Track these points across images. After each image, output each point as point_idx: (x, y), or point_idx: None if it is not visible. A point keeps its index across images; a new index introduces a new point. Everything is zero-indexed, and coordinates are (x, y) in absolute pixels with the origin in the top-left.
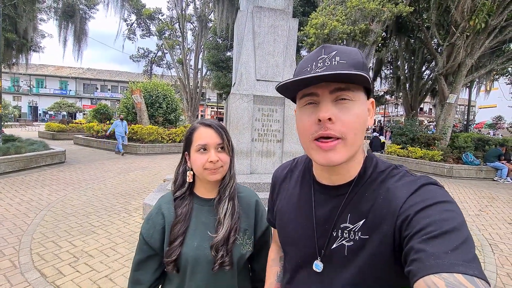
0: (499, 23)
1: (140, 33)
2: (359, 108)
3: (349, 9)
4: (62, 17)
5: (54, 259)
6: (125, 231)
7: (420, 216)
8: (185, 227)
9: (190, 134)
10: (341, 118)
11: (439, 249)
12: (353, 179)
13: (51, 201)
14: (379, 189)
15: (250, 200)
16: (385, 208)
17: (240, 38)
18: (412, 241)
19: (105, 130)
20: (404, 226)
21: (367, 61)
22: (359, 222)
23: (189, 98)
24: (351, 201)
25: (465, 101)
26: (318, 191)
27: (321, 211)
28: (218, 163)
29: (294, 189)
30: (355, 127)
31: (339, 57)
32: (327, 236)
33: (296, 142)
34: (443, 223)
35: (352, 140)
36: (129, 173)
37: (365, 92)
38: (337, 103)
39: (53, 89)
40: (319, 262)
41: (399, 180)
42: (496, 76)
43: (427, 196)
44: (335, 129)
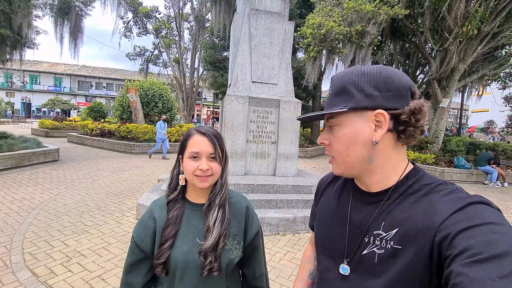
0: (492, 29)
1: (137, 31)
2: (344, 130)
3: (346, 10)
4: (58, 14)
5: (46, 259)
6: (118, 231)
7: (463, 236)
8: (175, 230)
9: (185, 139)
10: (331, 142)
11: (484, 274)
12: (389, 188)
13: (44, 199)
14: (420, 202)
15: (241, 205)
16: (424, 221)
17: (236, 40)
18: (454, 263)
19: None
20: (445, 245)
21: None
22: (392, 231)
23: (185, 98)
24: (387, 209)
25: (458, 105)
26: (356, 197)
27: (356, 216)
28: (208, 172)
29: (335, 193)
30: (338, 148)
31: (331, 88)
32: (358, 241)
33: (291, 144)
34: (491, 246)
35: (339, 158)
36: (123, 172)
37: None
38: (331, 128)
39: (47, 85)
40: (345, 266)
41: (446, 196)
42: (488, 81)
43: (474, 215)
44: (329, 151)
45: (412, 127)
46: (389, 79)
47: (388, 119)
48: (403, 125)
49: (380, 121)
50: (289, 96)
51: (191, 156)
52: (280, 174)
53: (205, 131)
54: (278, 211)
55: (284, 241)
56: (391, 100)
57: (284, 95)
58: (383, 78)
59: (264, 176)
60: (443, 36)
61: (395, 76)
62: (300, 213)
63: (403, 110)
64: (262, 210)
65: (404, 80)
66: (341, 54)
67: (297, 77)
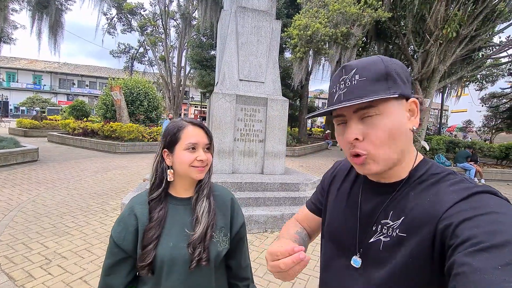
0: (469, 32)
1: (121, 28)
2: (389, 119)
3: (331, 12)
4: (36, 8)
5: (24, 262)
6: (102, 232)
7: (466, 225)
8: (159, 232)
9: (177, 131)
10: (369, 135)
11: (487, 263)
12: (403, 179)
13: (22, 201)
14: (428, 191)
15: (226, 198)
16: (429, 211)
17: (223, 38)
18: (456, 253)
19: (84, 129)
20: (448, 234)
21: (394, 65)
22: (399, 220)
23: (171, 96)
24: (396, 199)
25: (439, 105)
26: (367, 187)
27: (366, 206)
28: (206, 162)
29: (348, 183)
30: (385, 141)
31: (358, 75)
32: (368, 231)
33: (278, 142)
34: (494, 235)
35: (383, 154)
36: (107, 172)
37: (399, 97)
38: (364, 120)
39: (26, 83)
40: (358, 258)
41: (452, 185)
42: (467, 83)
43: (478, 205)
44: (363, 147)
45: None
46: (407, 70)
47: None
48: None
49: (412, 109)
50: (276, 95)
51: (188, 148)
52: (267, 172)
53: (199, 122)
54: (265, 209)
55: (272, 238)
56: (411, 90)
57: (272, 94)
58: (405, 68)
59: (252, 174)
60: (425, 38)
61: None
62: (288, 210)
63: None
64: (250, 208)
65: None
66: (327, 55)
67: (284, 77)
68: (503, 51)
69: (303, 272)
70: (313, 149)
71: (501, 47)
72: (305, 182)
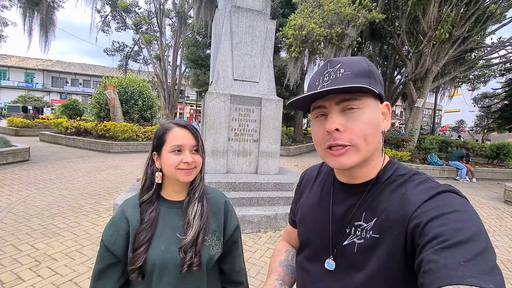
0: (462, 33)
1: (115, 26)
2: (368, 115)
3: (326, 12)
4: (27, 5)
5: (13, 264)
6: (94, 233)
7: (433, 224)
8: (151, 234)
9: (163, 133)
10: (349, 127)
11: (451, 260)
12: (371, 179)
13: (12, 201)
14: (396, 192)
15: (219, 201)
16: (399, 211)
17: (217, 37)
18: (424, 251)
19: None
20: (417, 233)
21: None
22: (372, 221)
23: (166, 96)
24: (368, 200)
25: (432, 105)
26: (337, 189)
27: (338, 208)
28: (193, 164)
29: (317, 188)
30: (365, 133)
31: (343, 69)
32: (341, 233)
33: (272, 142)
34: (457, 233)
35: (363, 145)
36: (100, 172)
37: (377, 97)
38: (345, 112)
39: (17, 81)
40: (331, 261)
41: (418, 185)
42: (459, 83)
43: (443, 204)
44: (343, 138)
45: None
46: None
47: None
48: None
49: (385, 112)
50: (271, 95)
51: (173, 150)
52: (262, 172)
53: (185, 123)
54: (259, 209)
55: (265, 238)
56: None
57: (266, 93)
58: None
59: (246, 174)
60: (418, 39)
61: None
62: (282, 210)
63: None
64: (244, 208)
65: None
66: (322, 55)
67: (280, 76)
68: (495, 52)
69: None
70: (308, 148)
71: (492, 48)
72: None
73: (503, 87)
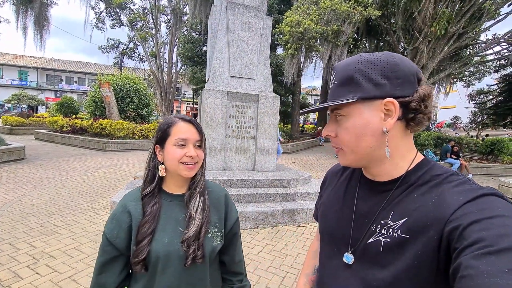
0: (457, 30)
1: (110, 23)
2: (352, 121)
3: (322, 9)
4: (20, 1)
5: (11, 262)
6: (91, 231)
7: (474, 228)
8: (153, 227)
9: (168, 127)
10: (339, 133)
11: (493, 267)
12: (398, 177)
13: (8, 200)
14: (431, 192)
15: (219, 194)
16: (434, 212)
17: (214, 34)
18: (463, 255)
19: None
20: (455, 237)
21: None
22: (400, 221)
23: (163, 93)
24: (396, 199)
25: None
26: (363, 186)
27: (362, 205)
28: (195, 159)
29: (343, 182)
30: (347, 139)
31: (334, 78)
32: (365, 230)
33: (269, 139)
34: (501, 239)
35: (347, 149)
36: (97, 171)
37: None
38: (338, 119)
39: (11, 79)
40: (349, 254)
41: (457, 186)
42: (455, 80)
43: (486, 207)
44: (336, 142)
45: (422, 114)
46: (397, 66)
47: (398, 108)
48: (413, 112)
49: (390, 109)
50: (267, 91)
51: (177, 144)
52: (259, 169)
53: (190, 118)
54: (257, 205)
55: (263, 234)
56: (400, 88)
57: (263, 90)
58: (390, 65)
59: (244, 171)
60: (414, 36)
61: (402, 62)
62: (279, 206)
63: (413, 98)
64: (242, 204)
65: (411, 66)
66: (318, 52)
67: (276, 73)
68: (489, 48)
69: (294, 267)
70: (305, 145)
71: (487, 45)
72: (296, 179)
73: (498, 83)
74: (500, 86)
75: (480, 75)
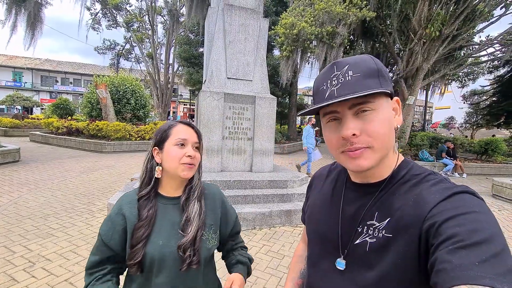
0: (451, 32)
1: (106, 24)
2: (383, 114)
3: (317, 11)
4: (13, 1)
5: (6, 265)
6: (88, 233)
7: (449, 224)
8: (149, 231)
9: (168, 128)
10: (366, 130)
11: (466, 260)
12: (385, 179)
13: (3, 203)
14: (410, 191)
15: (215, 196)
16: (414, 211)
17: (210, 35)
18: (438, 251)
19: (69, 127)
20: (432, 233)
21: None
22: (385, 221)
23: (159, 94)
24: (380, 199)
25: (423, 102)
26: (349, 189)
27: (349, 208)
28: (194, 160)
29: (329, 186)
30: (381, 134)
31: (351, 71)
32: (352, 232)
33: (267, 140)
34: (473, 234)
35: (380, 146)
36: (93, 172)
37: (387, 95)
38: (359, 115)
39: (5, 80)
40: (342, 260)
41: (434, 186)
42: (449, 80)
43: (460, 205)
44: (361, 141)
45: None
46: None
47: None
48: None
49: (395, 108)
50: (264, 93)
51: (177, 143)
52: (256, 170)
53: (189, 122)
54: (254, 206)
55: (260, 235)
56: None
57: (260, 92)
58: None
59: (241, 172)
60: (409, 37)
61: None
62: (276, 207)
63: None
64: (239, 205)
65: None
66: (313, 53)
67: (273, 75)
68: (483, 50)
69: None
70: (302, 146)
71: (481, 46)
72: (293, 179)
73: (491, 84)
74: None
75: (474, 76)
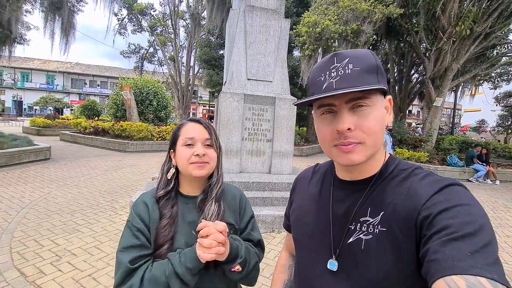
0: (484, 29)
1: (131, 29)
2: (377, 111)
3: (341, 9)
4: (49, 9)
5: (35, 258)
6: (111, 230)
7: (442, 216)
8: (174, 232)
9: (177, 129)
10: (360, 125)
11: (458, 251)
12: (373, 175)
13: (34, 198)
14: (401, 186)
15: (235, 195)
16: (407, 204)
17: (231, 37)
18: (431, 241)
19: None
20: (425, 224)
21: (379, 61)
22: (379, 215)
23: (180, 96)
24: (371, 195)
25: (451, 104)
26: (337, 187)
27: (339, 207)
28: (205, 158)
29: (314, 188)
30: (375, 131)
31: (352, 64)
32: (344, 231)
33: (286, 142)
34: (465, 226)
35: (372, 143)
36: (117, 171)
37: (382, 93)
38: (355, 110)
39: (39, 83)
40: (334, 261)
41: (423, 179)
42: (481, 81)
43: (452, 197)
44: (355, 136)
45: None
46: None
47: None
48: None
49: (387, 106)
50: (284, 94)
51: (185, 144)
52: (275, 172)
53: (199, 119)
54: (273, 209)
55: (279, 238)
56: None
57: (280, 93)
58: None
59: (259, 174)
60: (437, 36)
61: None
62: None
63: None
64: (257, 207)
65: None
66: None
67: (293, 76)
68: None
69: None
70: (321, 148)
71: None
72: None
73: None
74: None
75: (508, 77)
